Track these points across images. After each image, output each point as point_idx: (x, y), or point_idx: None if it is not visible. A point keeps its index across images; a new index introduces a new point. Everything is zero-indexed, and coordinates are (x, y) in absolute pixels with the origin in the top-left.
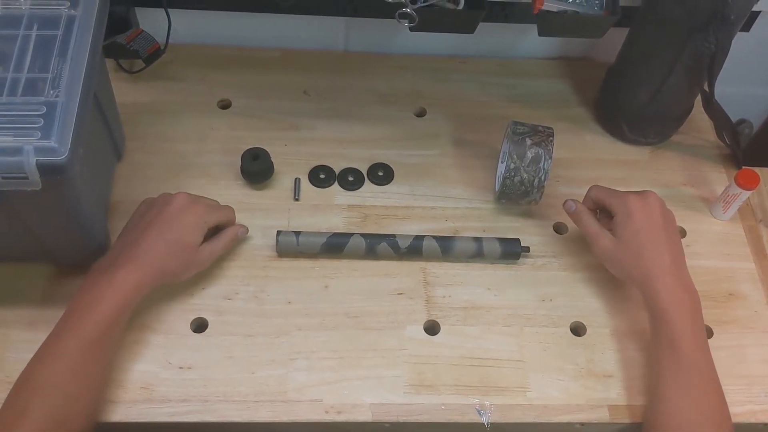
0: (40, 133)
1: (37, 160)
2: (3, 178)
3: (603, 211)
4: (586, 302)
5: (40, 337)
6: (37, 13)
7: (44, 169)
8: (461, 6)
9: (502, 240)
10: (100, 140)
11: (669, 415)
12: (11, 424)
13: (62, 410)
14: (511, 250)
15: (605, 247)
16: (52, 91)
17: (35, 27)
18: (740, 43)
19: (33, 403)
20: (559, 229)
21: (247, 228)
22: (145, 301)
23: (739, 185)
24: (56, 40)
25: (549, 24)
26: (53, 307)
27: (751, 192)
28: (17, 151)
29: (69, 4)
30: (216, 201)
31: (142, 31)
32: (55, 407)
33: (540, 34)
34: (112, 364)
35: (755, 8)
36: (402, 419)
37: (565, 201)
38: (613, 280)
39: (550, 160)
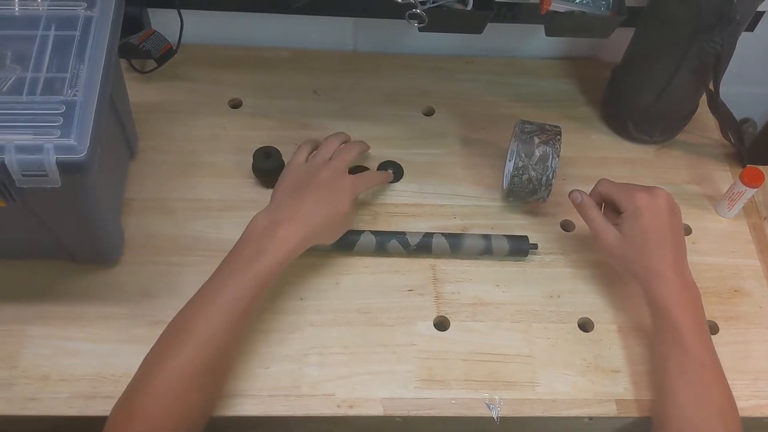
0: (59, 132)
1: (57, 157)
2: (23, 175)
3: (609, 204)
4: (594, 299)
5: (55, 332)
6: (54, 13)
7: (64, 167)
8: (470, 7)
9: (510, 237)
10: (115, 139)
11: (678, 409)
12: (161, 363)
13: (214, 361)
14: (519, 247)
15: (609, 243)
16: (70, 91)
17: (53, 27)
18: (745, 43)
19: (186, 348)
20: (566, 226)
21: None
22: (159, 297)
23: (744, 183)
24: (74, 40)
25: (556, 24)
26: (69, 304)
27: (755, 190)
28: (38, 149)
29: (86, 5)
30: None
31: (155, 31)
32: (209, 357)
33: (547, 34)
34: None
35: (760, 8)
36: (413, 413)
37: (571, 191)
38: (619, 276)
39: (557, 159)
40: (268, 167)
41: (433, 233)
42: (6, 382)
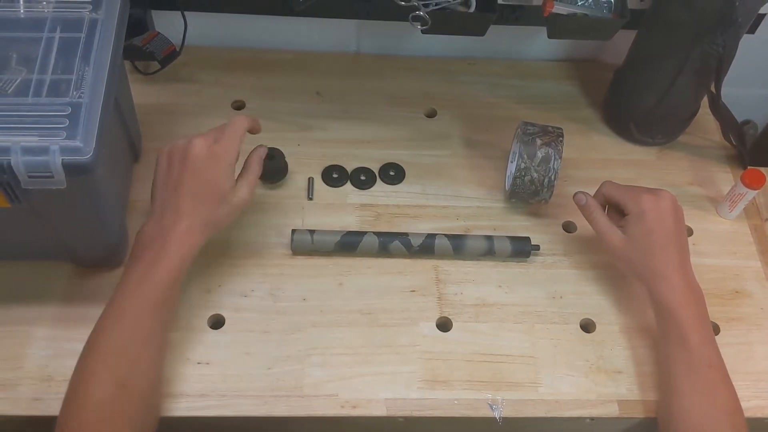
0: (65, 133)
1: (62, 159)
2: (29, 177)
3: (612, 206)
4: (596, 299)
5: (59, 334)
6: (60, 15)
7: (70, 169)
8: (473, 9)
9: (512, 238)
10: (120, 141)
11: (685, 410)
12: (82, 390)
13: (125, 372)
14: (522, 249)
15: (614, 245)
16: (75, 92)
17: (58, 30)
18: (746, 45)
19: (98, 367)
20: (568, 227)
21: (265, 146)
22: None
23: (745, 185)
24: (79, 42)
25: (559, 26)
26: (72, 306)
27: (756, 191)
28: (43, 150)
29: (91, 7)
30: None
31: (158, 33)
32: (119, 370)
33: (550, 36)
34: (171, 324)
35: (761, 11)
36: (416, 414)
37: (576, 193)
38: (621, 277)
39: (559, 160)
40: (271, 168)
41: (436, 234)
42: (10, 383)
